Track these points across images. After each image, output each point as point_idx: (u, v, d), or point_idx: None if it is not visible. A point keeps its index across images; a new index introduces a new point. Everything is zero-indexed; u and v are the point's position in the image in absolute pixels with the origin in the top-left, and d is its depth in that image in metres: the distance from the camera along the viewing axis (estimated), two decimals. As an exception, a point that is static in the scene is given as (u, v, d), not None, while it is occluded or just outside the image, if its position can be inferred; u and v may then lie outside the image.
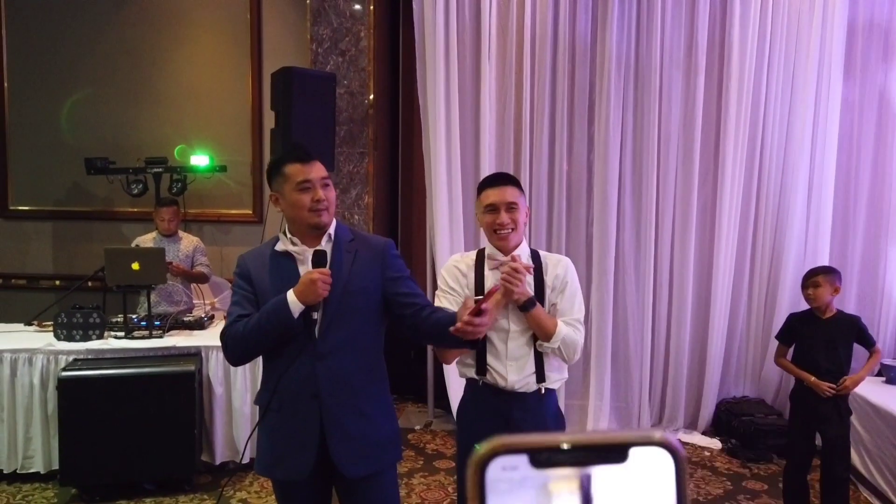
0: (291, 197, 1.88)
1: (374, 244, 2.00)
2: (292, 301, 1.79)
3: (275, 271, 1.90)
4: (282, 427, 1.91)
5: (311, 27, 4.60)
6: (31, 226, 5.18)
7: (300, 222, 1.90)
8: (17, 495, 3.41)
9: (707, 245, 4.31)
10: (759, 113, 4.22)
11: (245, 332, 1.85)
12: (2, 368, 3.45)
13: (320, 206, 1.86)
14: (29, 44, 5.04)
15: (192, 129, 4.97)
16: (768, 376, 4.38)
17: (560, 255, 2.29)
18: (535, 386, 2.13)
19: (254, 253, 2.01)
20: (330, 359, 1.86)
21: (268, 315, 1.82)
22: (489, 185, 2.17)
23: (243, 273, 1.95)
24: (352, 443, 1.88)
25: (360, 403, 1.90)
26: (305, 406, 1.86)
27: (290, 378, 1.87)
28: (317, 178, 1.88)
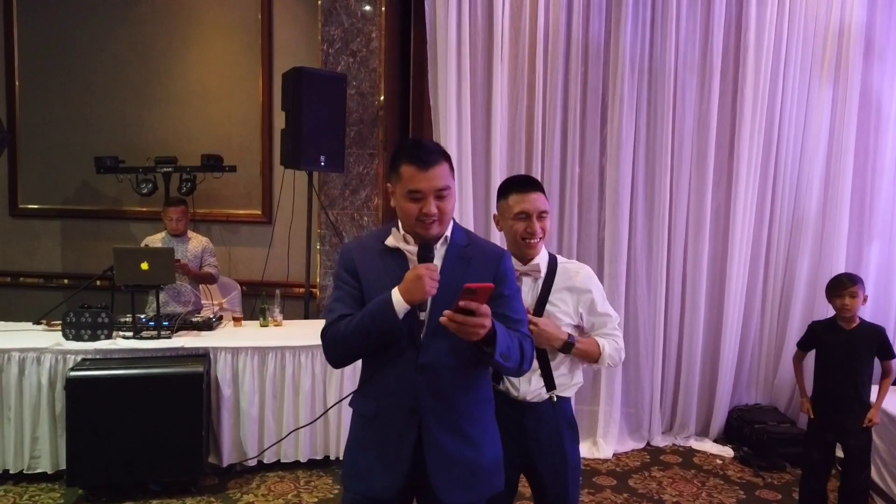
0: (401, 202, 1.72)
1: (489, 252, 1.81)
2: (397, 300, 1.63)
3: (384, 268, 1.74)
4: (375, 438, 1.77)
5: (322, 27, 4.58)
6: (39, 224, 5.18)
7: (409, 227, 1.74)
8: (24, 495, 3.39)
9: (720, 250, 4.26)
10: (775, 116, 4.17)
11: (346, 333, 1.70)
12: (10, 367, 3.44)
13: (429, 219, 1.68)
14: (40, 42, 5.04)
15: (202, 129, 4.96)
16: (781, 384, 4.33)
17: (579, 265, 2.20)
18: (545, 395, 2.11)
19: (361, 244, 1.84)
20: (432, 371, 1.71)
21: (371, 315, 1.67)
22: (518, 191, 2.10)
23: (349, 267, 1.78)
24: (452, 467, 1.72)
25: (463, 424, 1.75)
26: (402, 420, 1.72)
27: (387, 386, 1.74)
28: (430, 189, 1.67)
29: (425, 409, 1.72)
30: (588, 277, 2.15)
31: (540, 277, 2.11)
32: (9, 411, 3.45)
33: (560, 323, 2.09)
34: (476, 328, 1.56)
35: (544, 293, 2.10)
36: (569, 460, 2.13)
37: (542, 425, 2.11)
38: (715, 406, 4.30)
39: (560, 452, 2.12)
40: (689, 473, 3.88)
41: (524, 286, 2.10)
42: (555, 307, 2.10)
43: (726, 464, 4.02)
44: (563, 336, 2.07)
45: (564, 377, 2.13)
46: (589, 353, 2.12)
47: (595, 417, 4.19)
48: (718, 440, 4.30)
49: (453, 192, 1.74)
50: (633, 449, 4.20)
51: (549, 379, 2.11)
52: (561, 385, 2.12)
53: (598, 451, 4.10)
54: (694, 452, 4.18)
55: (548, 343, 2.06)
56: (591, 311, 2.14)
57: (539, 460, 2.12)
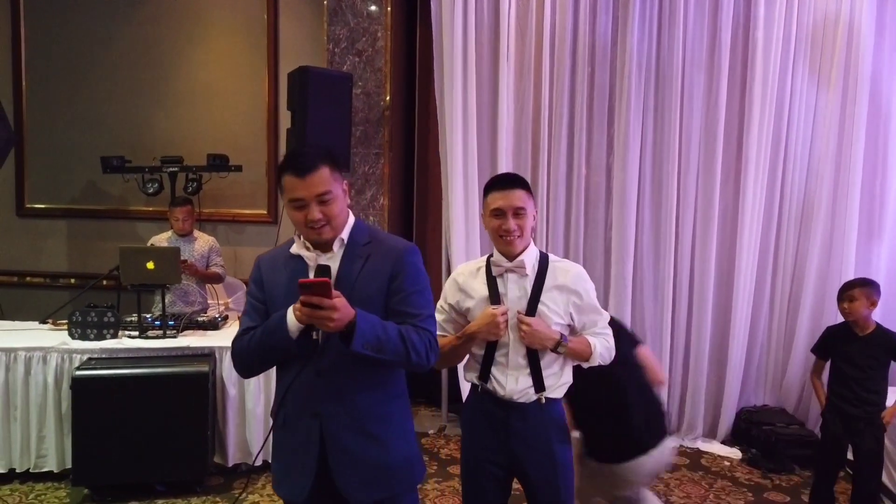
0: (288, 211, 1.76)
1: (389, 249, 1.81)
2: (290, 321, 1.66)
3: (286, 275, 1.78)
4: (286, 444, 1.83)
5: (328, 27, 4.57)
6: (46, 224, 5.19)
7: (304, 235, 1.79)
8: (31, 494, 3.40)
9: (728, 250, 4.23)
10: (784, 114, 4.14)
11: (249, 348, 1.76)
12: (16, 367, 3.45)
13: (315, 225, 1.72)
14: (46, 43, 5.06)
15: (208, 129, 4.96)
16: (790, 385, 4.29)
17: (570, 264, 2.18)
18: (534, 396, 2.08)
19: (269, 255, 1.89)
20: (332, 375, 1.73)
21: (268, 333, 1.72)
22: (496, 188, 2.09)
23: (256, 278, 1.85)
24: (357, 467, 1.75)
25: (368, 424, 1.76)
26: (306, 424, 1.76)
27: (293, 393, 1.76)
28: (311, 195, 1.70)
29: (326, 413, 1.75)
30: (578, 276, 2.13)
31: (526, 275, 2.08)
32: (15, 410, 3.45)
33: (550, 322, 2.06)
34: (324, 321, 1.58)
35: (535, 292, 2.08)
36: (558, 461, 2.10)
37: (528, 426, 2.08)
38: (723, 407, 4.27)
39: (548, 454, 2.09)
40: (697, 475, 3.85)
41: (509, 283, 2.09)
42: (546, 307, 2.07)
43: (734, 465, 3.99)
44: (556, 336, 2.04)
45: (554, 377, 2.10)
46: (580, 353, 2.10)
47: (601, 418, 4.16)
48: (726, 442, 4.27)
49: (337, 195, 1.74)
50: (640, 450, 4.17)
51: (538, 379, 2.08)
52: (549, 386, 2.09)
53: (604, 453, 4.07)
54: (701, 454, 4.15)
55: (540, 344, 2.04)
56: (582, 310, 2.12)
57: (527, 462, 2.09)
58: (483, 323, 2.03)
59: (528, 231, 2.09)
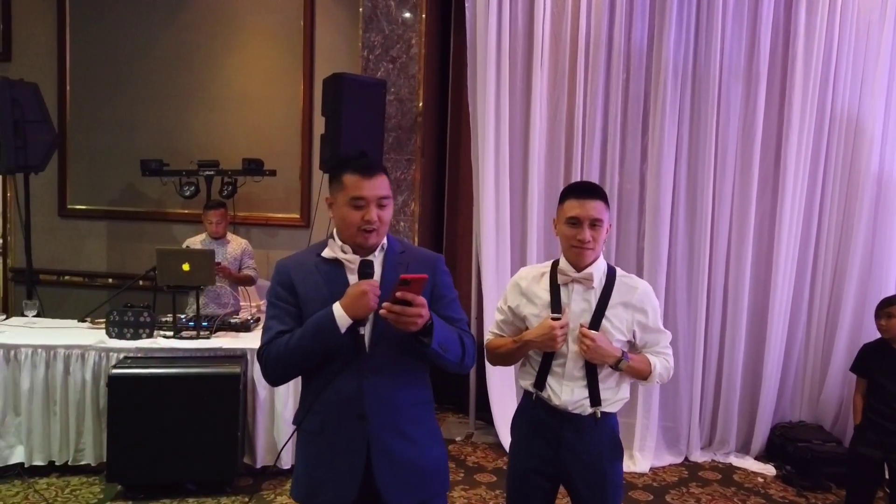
0: (343, 209, 1.76)
1: (424, 258, 1.89)
2: (339, 315, 1.66)
3: (322, 280, 1.77)
4: (323, 451, 1.79)
5: (363, 34, 4.62)
6: (86, 225, 5.32)
7: (347, 238, 1.80)
8: (66, 489, 3.48)
9: (764, 261, 4.14)
10: (824, 126, 4.05)
11: (287, 350, 1.72)
12: (56, 364, 3.54)
13: (370, 226, 1.74)
14: (90, 49, 5.20)
15: (244, 133, 5.04)
16: (827, 401, 4.18)
17: (638, 280, 2.14)
18: (589, 409, 2.05)
19: (296, 260, 1.87)
20: (376, 377, 1.74)
21: (312, 331, 1.70)
22: (574, 196, 2.06)
23: (285, 282, 1.80)
24: (397, 469, 1.76)
25: (405, 426, 1.78)
26: (350, 428, 1.74)
27: (332, 397, 1.74)
28: (373, 196, 1.74)
29: (372, 414, 1.74)
30: (646, 294, 2.10)
31: (592, 287, 2.06)
32: (55, 405, 3.55)
33: (613, 338, 2.04)
34: (413, 318, 1.61)
35: (600, 307, 2.05)
36: (608, 479, 2.07)
37: (581, 439, 2.05)
38: (757, 422, 4.18)
39: (599, 470, 2.06)
40: (729, 491, 3.77)
41: (574, 293, 2.06)
42: (609, 322, 2.05)
43: (768, 482, 3.90)
44: (617, 353, 2.02)
45: (610, 391, 2.07)
46: (640, 371, 2.08)
47: (632, 430, 4.10)
48: (760, 457, 4.17)
49: (392, 203, 1.81)
50: (671, 464, 4.10)
51: (594, 393, 2.05)
52: (605, 400, 2.06)
53: (634, 465, 4.02)
54: (734, 469, 4.06)
55: (601, 359, 2.02)
56: (646, 328, 2.10)
57: (576, 475, 2.06)
58: (540, 333, 2.01)
59: (601, 244, 2.07)
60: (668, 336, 2.15)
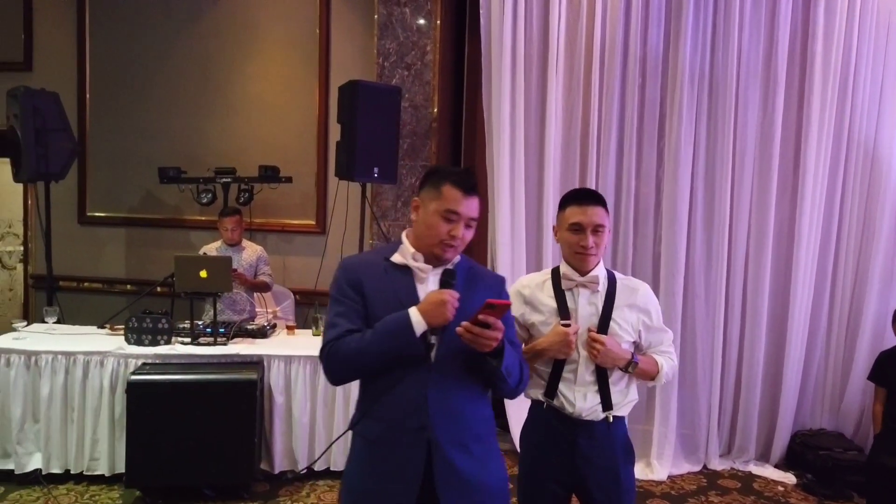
0: (432, 218, 1.73)
1: (490, 277, 1.90)
2: (416, 321, 1.63)
3: (389, 285, 1.75)
4: (379, 459, 1.73)
5: (378, 41, 4.64)
6: (105, 232, 5.38)
7: (426, 246, 1.76)
8: (85, 494, 3.50)
9: (784, 266, 4.09)
10: (843, 129, 4.00)
11: (356, 350, 1.67)
12: (75, 370, 3.57)
13: (454, 242, 1.73)
14: (109, 58, 5.27)
15: (260, 141, 5.08)
16: (848, 408, 4.12)
17: (638, 281, 2.17)
18: (601, 414, 2.06)
19: (363, 260, 1.85)
20: (442, 387, 1.71)
21: (387, 334, 1.66)
22: (576, 202, 2.07)
23: (353, 281, 1.75)
24: (460, 484, 1.71)
25: (469, 442, 1.74)
26: (410, 438, 1.70)
27: (393, 404, 1.71)
28: (466, 215, 1.74)
29: (435, 426, 1.70)
30: (648, 294, 2.13)
31: (598, 290, 2.07)
32: (72, 412, 3.57)
33: (621, 340, 2.05)
34: (490, 340, 1.63)
35: (607, 309, 2.06)
36: (622, 483, 2.07)
37: (595, 445, 2.05)
38: (776, 430, 4.13)
39: (613, 475, 2.06)
40: (749, 499, 3.72)
41: (580, 298, 2.07)
42: (617, 324, 2.06)
43: (788, 491, 3.84)
44: (627, 356, 2.04)
45: (620, 394, 2.08)
46: (648, 372, 2.11)
47: (649, 438, 4.07)
48: (780, 466, 4.11)
49: (475, 227, 1.80)
50: (689, 472, 4.06)
51: (606, 397, 2.05)
52: (617, 404, 2.07)
53: (651, 473, 3.98)
54: (754, 478, 4.01)
55: (612, 363, 2.03)
56: (651, 329, 2.12)
57: (591, 482, 2.06)
58: (554, 340, 2.01)
59: (603, 249, 2.09)
60: (670, 335, 2.17)
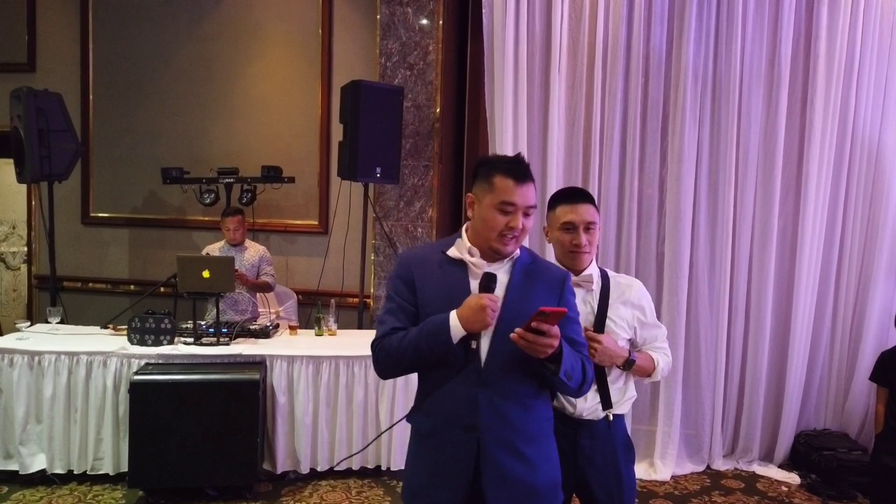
0: (488, 212, 1.70)
1: (552, 272, 1.82)
2: (454, 325, 1.62)
3: (443, 280, 1.73)
4: (430, 455, 1.75)
5: (381, 41, 4.64)
6: (109, 232, 5.39)
7: (485, 241, 1.73)
8: (89, 494, 3.51)
9: (788, 267, 4.08)
10: (847, 129, 3.99)
11: (399, 349, 1.70)
12: (78, 370, 3.57)
13: (513, 234, 1.70)
14: (112, 59, 5.27)
15: (263, 141, 5.08)
16: (852, 409, 4.10)
17: (630, 279, 2.20)
18: (601, 413, 2.07)
19: (419, 255, 1.83)
20: (493, 387, 1.69)
21: (426, 336, 1.67)
22: (566, 201, 2.09)
23: (405, 277, 1.76)
24: (508, 485, 1.70)
25: (519, 443, 1.71)
26: (459, 436, 1.70)
27: (446, 402, 1.71)
28: (522, 204, 1.69)
29: (483, 426, 1.69)
30: (641, 290, 2.14)
31: (592, 289, 2.08)
32: (76, 412, 3.57)
33: (618, 338, 2.06)
34: (545, 347, 1.59)
35: (602, 308, 2.07)
36: (623, 481, 2.08)
37: (596, 444, 2.06)
38: (780, 430, 4.12)
39: (615, 473, 2.07)
40: (753, 500, 3.71)
41: (576, 298, 2.06)
42: (613, 322, 2.07)
43: (792, 491, 3.83)
44: (625, 354, 2.05)
45: (619, 392, 2.10)
46: (645, 369, 2.12)
47: (653, 438, 4.06)
48: (784, 466, 4.10)
49: (533, 217, 1.74)
50: (693, 472, 4.05)
51: (605, 396, 2.06)
52: (616, 402, 2.08)
53: (655, 473, 3.97)
54: (757, 478, 4.00)
55: (610, 361, 2.04)
56: (645, 325, 2.14)
57: (593, 481, 2.06)
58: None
59: (595, 247, 2.09)
60: (663, 330, 2.18)
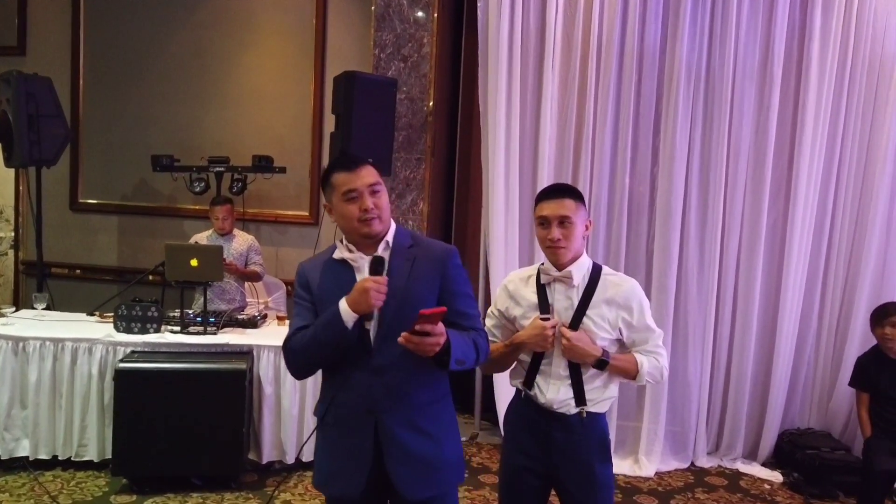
0: (340, 207, 1.82)
1: (435, 251, 1.89)
2: (345, 311, 1.72)
3: (332, 280, 1.83)
4: (337, 442, 1.85)
5: (375, 32, 4.61)
6: (97, 219, 5.36)
7: (352, 232, 1.84)
8: (72, 481, 3.50)
9: (776, 266, 4.10)
10: (838, 130, 4.01)
11: (303, 344, 1.80)
12: (63, 356, 3.55)
13: (369, 215, 1.78)
14: (104, 45, 5.23)
15: (255, 130, 5.05)
16: (836, 408, 4.13)
17: (624, 278, 2.13)
18: (574, 409, 2.05)
19: (312, 261, 1.96)
20: (387, 373, 1.78)
21: (322, 327, 1.77)
22: (542, 198, 2.09)
23: (302, 282, 1.90)
24: (412, 462, 1.79)
25: (420, 421, 1.81)
26: (361, 421, 1.80)
27: (345, 391, 1.81)
28: (363, 185, 1.79)
29: (381, 410, 1.79)
30: (630, 290, 2.07)
31: (573, 286, 2.05)
32: (60, 399, 3.56)
33: (595, 337, 2.02)
34: (431, 347, 1.66)
35: (582, 305, 2.04)
36: (597, 479, 2.05)
37: (569, 438, 2.05)
38: (764, 428, 4.14)
39: (588, 470, 2.05)
40: (735, 497, 3.74)
41: (556, 293, 2.07)
42: (591, 321, 2.04)
43: (775, 489, 3.86)
44: (597, 353, 2.00)
45: (596, 391, 2.06)
46: (625, 371, 2.07)
47: (638, 434, 4.08)
48: (767, 464, 4.13)
49: (385, 191, 1.85)
50: (677, 468, 4.08)
51: (579, 392, 2.04)
52: (591, 400, 2.05)
53: (639, 469, 3.99)
54: (741, 475, 4.03)
55: (580, 358, 2.01)
56: (632, 326, 2.07)
57: (565, 475, 2.06)
58: (532, 334, 2.02)
59: (577, 241, 2.05)
60: (658, 334, 2.11)
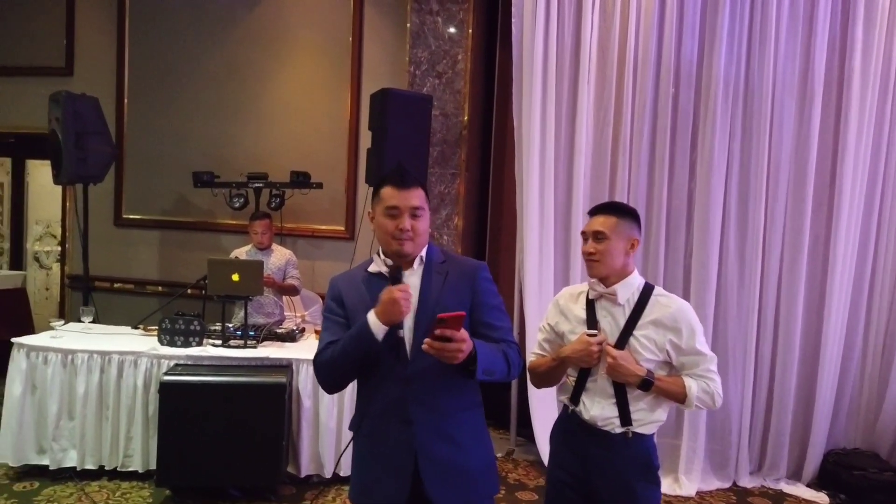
0: (380, 219, 1.87)
1: (466, 266, 1.95)
2: (374, 323, 1.75)
3: (368, 293, 1.86)
4: (373, 453, 1.87)
5: (410, 49, 4.68)
6: (139, 234, 5.49)
7: (385, 245, 1.89)
8: (117, 492, 3.56)
9: (819, 282, 4.02)
10: (882, 145, 3.93)
11: (332, 358, 1.82)
12: (110, 369, 3.64)
13: (403, 235, 1.83)
14: (146, 64, 5.39)
15: (292, 146, 5.14)
16: (884, 428, 4.02)
17: (674, 299, 2.07)
18: (619, 428, 2.02)
19: (346, 275, 1.99)
20: (419, 383, 1.81)
21: (352, 339, 1.79)
22: (591, 212, 2.15)
23: (335, 296, 1.92)
24: (443, 472, 1.81)
25: (450, 429, 1.84)
26: (396, 431, 1.82)
27: (379, 402, 1.84)
28: (406, 206, 1.83)
29: (416, 420, 1.81)
30: (678, 312, 2.02)
31: (619, 304, 2.04)
32: (107, 410, 3.64)
33: (640, 358, 1.99)
34: (454, 353, 1.67)
35: (629, 325, 2.03)
36: (638, 500, 2.01)
37: (609, 456, 2.02)
38: (809, 448, 4.04)
39: (628, 491, 2.00)
40: (779, 519, 3.66)
41: (604, 311, 2.07)
42: (637, 341, 2.01)
43: (820, 511, 3.77)
44: (640, 373, 1.98)
45: (643, 412, 2.02)
46: (673, 394, 2.02)
47: (677, 452, 4.02)
48: (812, 485, 4.03)
49: (427, 215, 1.89)
50: (718, 488, 4.00)
51: (624, 412, 2.01)
52: (638, 420, 2.02)
53: (679, 489, 3.93)
54: (785, 496, 3.93)
55: (623, 378, 1.99)
56: (680, 349, 2.02)
57: (605, 494, 2.03)
58: (577, 349, 2.03)
59: (614, 257, 2.04)
60: (710, 358, 2.04)
